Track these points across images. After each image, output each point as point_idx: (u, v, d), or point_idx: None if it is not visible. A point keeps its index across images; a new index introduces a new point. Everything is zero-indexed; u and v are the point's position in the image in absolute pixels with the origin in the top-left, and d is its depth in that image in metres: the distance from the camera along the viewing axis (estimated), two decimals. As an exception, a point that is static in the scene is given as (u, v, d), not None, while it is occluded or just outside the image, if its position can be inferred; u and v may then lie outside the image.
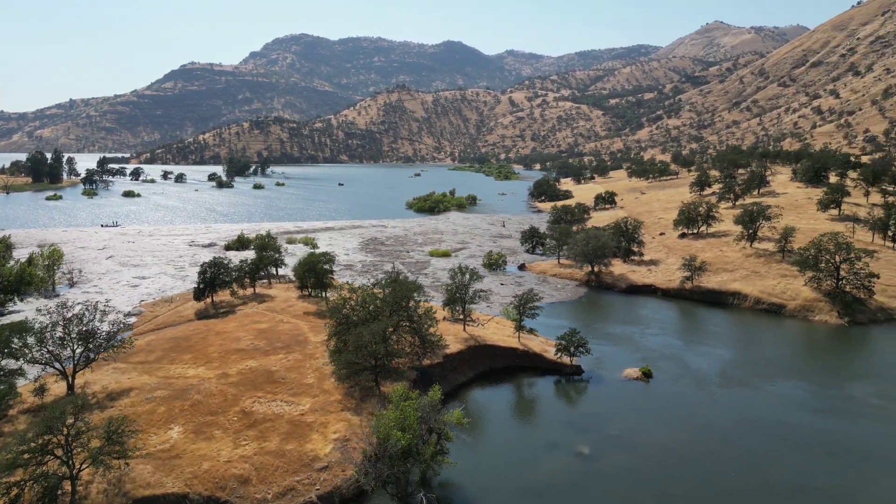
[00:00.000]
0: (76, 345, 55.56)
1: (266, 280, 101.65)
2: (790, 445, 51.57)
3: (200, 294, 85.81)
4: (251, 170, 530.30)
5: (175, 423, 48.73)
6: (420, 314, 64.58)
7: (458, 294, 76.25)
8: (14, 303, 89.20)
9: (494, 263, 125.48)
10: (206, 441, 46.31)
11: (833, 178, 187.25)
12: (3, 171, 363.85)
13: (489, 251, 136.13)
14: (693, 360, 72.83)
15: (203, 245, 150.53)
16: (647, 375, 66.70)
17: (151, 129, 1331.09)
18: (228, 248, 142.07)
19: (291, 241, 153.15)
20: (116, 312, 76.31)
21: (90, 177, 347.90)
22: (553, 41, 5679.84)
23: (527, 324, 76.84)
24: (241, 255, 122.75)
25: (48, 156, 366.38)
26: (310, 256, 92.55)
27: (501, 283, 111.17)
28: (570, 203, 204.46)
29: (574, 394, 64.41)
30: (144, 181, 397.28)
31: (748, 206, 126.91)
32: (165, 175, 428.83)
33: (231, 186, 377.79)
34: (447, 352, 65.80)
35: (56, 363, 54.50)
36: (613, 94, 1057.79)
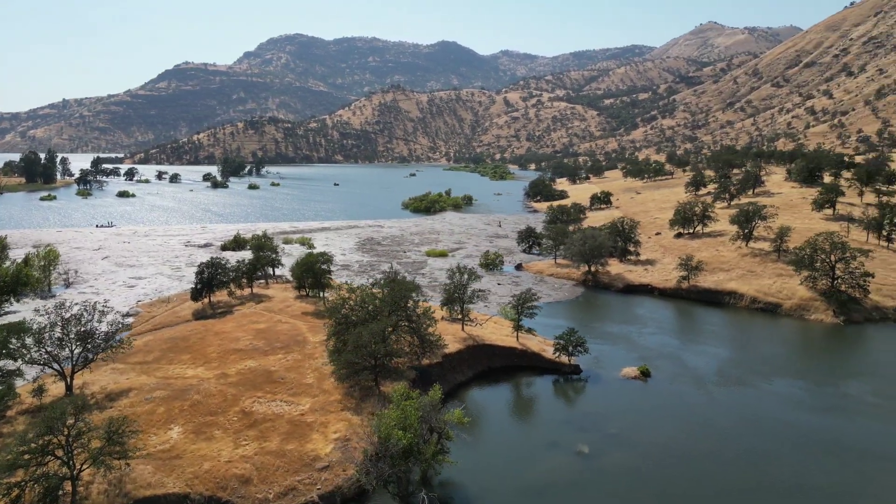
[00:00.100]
0: (74, 345, 55.39)
1: (263, 280, 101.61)
2: (788, 444, 51.95)
3: (198, 294, 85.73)
4: (246, 170, 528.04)
5: (175, 424, 48.70)
6: (419, 314, 64.76)
7: (457, 294, 76.44)
8: (10, 303, 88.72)
9: (491, 263, 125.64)
10: (207, 441, 46.30)
11: (827, 178, 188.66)
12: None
13: (486, 251, 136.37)
14: (690, 360, 73.21)
15: (199, 245, 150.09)
16: (646, 374, 67.01)
17: (145, 130, 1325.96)
18: (225, 249, 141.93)
19: (288, 242, 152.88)
20: (115, 313, 76.15)
21: (84, 177, 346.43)
22: (548, 42, 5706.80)
23: (525, 323, 76.96)
24: (238, 256, 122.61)
25: (42, 156, 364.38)
26: (308, 256, 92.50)
27: (499, 283, 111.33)
28: (566, 203, 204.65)
29: (573, 393, 64.65)
30: (139, 181, 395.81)
31: (743, 206, 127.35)
32: (160, 175, 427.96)
33: (226, 187, 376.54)
34: (446, 351, 65.94)
35: (54, 364, 54.36)
36: (608, 95, 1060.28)
